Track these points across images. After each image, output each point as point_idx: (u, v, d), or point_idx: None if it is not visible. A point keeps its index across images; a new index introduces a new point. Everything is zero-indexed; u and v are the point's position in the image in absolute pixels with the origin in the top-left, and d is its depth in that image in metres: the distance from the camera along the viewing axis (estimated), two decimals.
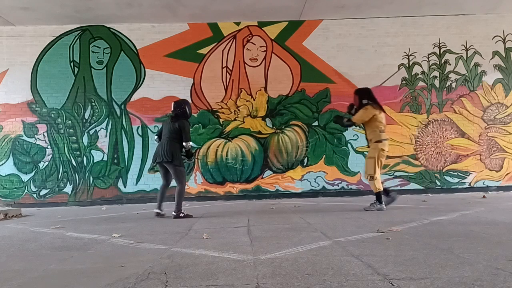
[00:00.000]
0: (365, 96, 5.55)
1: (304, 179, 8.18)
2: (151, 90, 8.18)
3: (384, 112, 5.63)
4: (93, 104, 8.15)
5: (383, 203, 5.38)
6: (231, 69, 8.32)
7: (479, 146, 8.32)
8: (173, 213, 5.23)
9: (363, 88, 5.86)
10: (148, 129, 8.14)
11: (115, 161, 8.09)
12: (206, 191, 8.12)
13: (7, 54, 8.13)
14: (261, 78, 8.31)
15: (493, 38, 8.44)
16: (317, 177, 8.16)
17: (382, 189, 5.39)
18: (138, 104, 8.18)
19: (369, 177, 5.39)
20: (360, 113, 5.44)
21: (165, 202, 5.59)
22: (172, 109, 5.52)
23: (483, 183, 8.26)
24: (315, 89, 8.28)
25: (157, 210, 5.44)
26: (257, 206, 6.75)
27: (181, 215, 5.22)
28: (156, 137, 5.72)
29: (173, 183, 5.51)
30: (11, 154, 7.99)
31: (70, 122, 8.11)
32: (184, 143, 5.34)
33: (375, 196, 5.43)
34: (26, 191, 7.96)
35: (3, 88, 8.08)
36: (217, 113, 8.23)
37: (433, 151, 8.29)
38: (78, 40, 8.23)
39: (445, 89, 8.39)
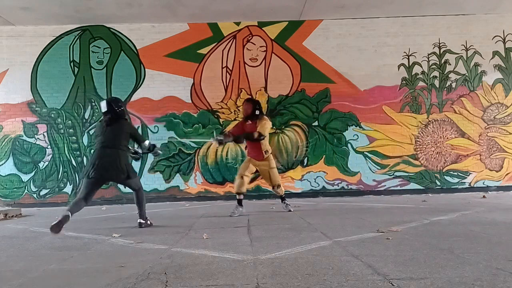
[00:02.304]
0: (258, 108, 5.62)
1: (304, 179, 8.18)
2: (151, 90, 8.18)
3: None
4: (93, 104, 8.15)
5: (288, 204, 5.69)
6: (231, 69, 8.32)
7: (479, 146, 8.31)
8: (140, 220, 4.56)
9: (256, 100, 6.15)
10: (148, 129, 8.14)
11: None
12: (206, 191, 8.11)
13: (7, 54, 8.12)
14: (261, 78, 8.31)
15: (493, 38, 8.44)
16: (317, 177, 8.15)
17: (283, 192, 5.71)
18: (138, 104, 8.18)
19: (277, 186, 5.57)
20: (265, 126, 5.47)
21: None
22: (106, 109, 4.59)
23: (483, 183, 8.26)
24: (315, 89, 8.28)
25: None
26: (257, 206, 6.75)
27: (149, 222, 4.61)
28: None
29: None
30: (11, 154, 7.99)
31: (70, 122, 8.11)
32: (142, 143, 4.82)
33: (281, 199, 5.71)
34: (26, 191, 7.96)
35: (3, 88, 8.08)
36: (217, 113, 8.23)
37: (433, 151, 8.29)
38: (78, 40, 8.23)
39: (445, 89, 8.39)
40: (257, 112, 5.55)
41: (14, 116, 8.05)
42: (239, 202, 5.49)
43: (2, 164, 7.96)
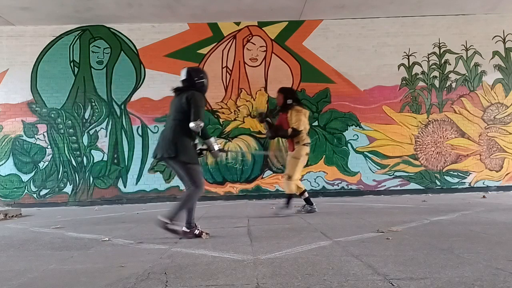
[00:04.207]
0: (290, 96, 5.27)
1: (304, 179, 8.16)
2: (151, 90, 8.18)
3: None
4: (93, 104, 8.15)
5: (288, 207, 5.14)
6: (231, 69, 8.32)
7: (479, 146, 8.31)
8: (184, 228, 3.66)
9: (288, 88, 5.69)
10: (148, 129, 8.14)
11: (115, 161, 8.09)
12: (206, 191, 8.10)
13: (7, 54, 8.12)
14: (261, 78, 8.31)
15: (493, 38, 8.44)
16: (317, 177, 8.15)
17: (294, 192, 5.15)
18: (138, 104, 8.18)
19: (287, 176, 5.15)
20: (298, 117, 5.09)
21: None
22: (184, 77, 3.79)
23: (483, 183, 8.26)
24: (315, 89, 8.28)
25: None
26: (257, 206, 6.75)
27: (196, 232, 3.65)
28: None
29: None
30: (11, 154, 7.99)
31: (70, 122, 8.11)
32: (191, 124, 3.55)
33: (287, 198, 5.14)
34: (26, 191, 7.96)
35: (3, 88, 8.08)
36: (217, 113, 8.23)
37: (433, 151, 8.29)
38: (78, 40, 8.23)
39: (445, 89, 8.39)
40: (289, 102, 5.17)
41: (14, 116, 8.06)
42: (288, 200, 5.18)
43: (2, 164, 7.96)
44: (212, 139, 3.91)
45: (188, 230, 3.62)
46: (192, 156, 3.65)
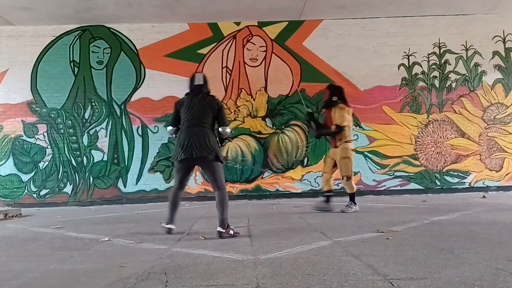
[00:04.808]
0: (336, 94, 5.41)
1: (304, 179, 8.18)
2: (151, 90, 8.18)
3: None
4: (93, 104, 8.15)
5: (356, 205, 5.35)
6: (231, 69, 8.32)
7: (479, 146, 8.31)
8: (220, 229, 3.71)
9: (337, 86, 5.79)
10: (148, 129, 8.14)
11: (115, 161, 8.09)
12: (206, 191, 8.11)
13: (7, 54, 8.13)
14: (261, 78, 8.31)
15: (493, 38, 8.44)
16: (317, 177, 8.15)
17: (356, 190, 5.42)
18: (138, 104, 8.18)
19: (345, 177, 5.31)
20: (341, 113, 5.26)
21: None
22: (202, 82, 3.99)
23: (483, 183, 8.26)
24: (315, 89, 8.27)
25: (170, 226, 3.94)
26: (257, 206, 6.75)
27: (231, 232, 3.73)
28: (172, 128, 4.04)
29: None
30: (11, 154, 7.99)
31: (70, 122, 8.11)
32: (221, 129, 3.91)
33: (349, 197, 5.38)
34: (26, 191, 7.96)
35: (3, 88, 8.08)
36: None
37: (433, 151, 8.29)
38: (78, 40, 8.23)
39: (445, 89, 8.39)
40: (334, 99, 5.31)
41: (14, 116, 8.06)
42: (327, 199, 5.42)
43: (2, 164, 7.96)
44: (227, 130, 4.00)
45: (223, 230, 3.71)
46: (222, 158, 3.93)
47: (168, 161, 8.08)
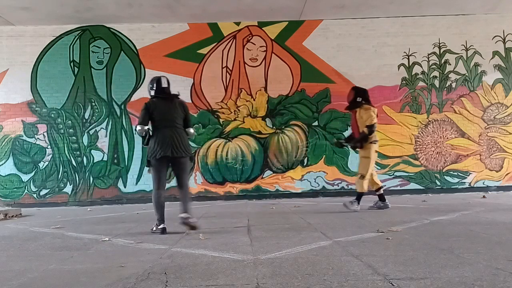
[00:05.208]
0: (361, 95, 5.50)
1: (304, 179, 8.18)
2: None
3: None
4: (93, 104, 8.15)
5: (359, 205, 5.33)
6: (231, 69, 8.32)
7: (479, 146, 8.31)
8: (193, 219, 4.02)
9: (362, 88, 5.84)
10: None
11: (115, 161, 8.09)
12: (206, 191, 8.11)
13: (7, 54, 8.12)
14: (261, 78, 8.31)
15: (493, 38, 8.44)
16: (317, 177, 8.15)
17: (365, 191, 5.39)
18: (138, 104, 8.14)
19: (360, 175, 5.37)
20: (368, 113, 5.37)
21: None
22: (167, 85, 4.30)
23: (483, 183, 8.26)
24: (315, 89, 8.28)
25: (163, 226, 4.06)
26: (257, 206, 6.75)
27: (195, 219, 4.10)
28: (141, 127, 4.19)
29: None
30: (11, 154, 7.99)
31: (70, 122, 8.11)
32: (188, 130, 4.32)
33: (356, 195, 5.40)
34: (26, 191, 7.96)
35: (3, 88, 8.08)
36: (217, 113, 8.23)
37: (433, 151, 8.29)
38: (78, 40, 8.23)
39: (445, 89, 8.39)
40: (358, 99, 5.41)
41: (14, 116, 8.05)
42: (381, 197, 5.46)
43: (2, 164, 7.96)
44: (191, 130, 4.42)
45: (195, 220, 4.05)
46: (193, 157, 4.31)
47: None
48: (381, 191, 5.52)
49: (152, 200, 4.17)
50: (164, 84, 4.29)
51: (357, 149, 5.61)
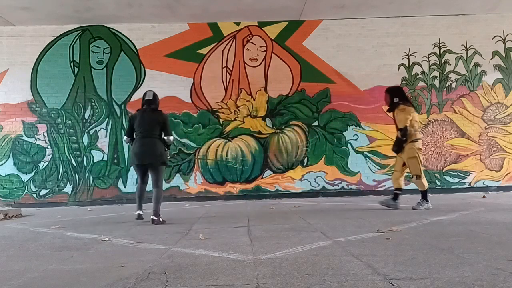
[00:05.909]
0: (396, 95, 5.48)
1: (304, 179, 8.18)
2: None
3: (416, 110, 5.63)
4: (93, 104, 8.15)
5: (428, 202, 5.38)
6: (231, 69, 8.32)
7: (479, 146, 8.31)
8: (153, 217, 4.69)
9: (394, 87, 5.83)
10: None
11: (115, 161, 8.09)
12: (206, 191, 8.11)
13: (7, 54, 8.13)
14: (261, 78, 8.31)
15: (493, 38, 8.44)
16: (317, 177, 8.15)
17: (427, 186, 5.45)
18: (138, 104, 7.97)
19: (416, 176, 5.41)
20: (400, 116, 5.31)
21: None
22: (151, 98, 4.98)
23: (483, 183, 8.26)
24: (315, 89, 8.28)
25: (139, 212, 5.01)
26: (257, 206, 6.75)
27: (161, 219, 4.74)
28: (126, 137, 5.11)
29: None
30: (11, 154, 7.99)
31: (70, 122, 8.11)
32: (167, 137, 4.93)
33: (421, 195, 5.43)
34: (26, 191, 7.96)
35: (3, 88, 8.08)
36: (217, 113, 8.23)
37: (433, 151, 8.29)
38: (78, 40, 8.23)
39: (445, 89, 8.39)
40: (395, 100, 5.38)
41: (14, 116, 8.06)
42: (395, 196, 5.49)
43: (2, 164, 7.96)
44: (171, 138, 5.02)
45: (156, 218, 4.70)
46: (167, 162, 5.15)
47: (168, 161, 8.07)
48: (399, 192, 5.54)
49: None
50: (149, 97, 4.98)
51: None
